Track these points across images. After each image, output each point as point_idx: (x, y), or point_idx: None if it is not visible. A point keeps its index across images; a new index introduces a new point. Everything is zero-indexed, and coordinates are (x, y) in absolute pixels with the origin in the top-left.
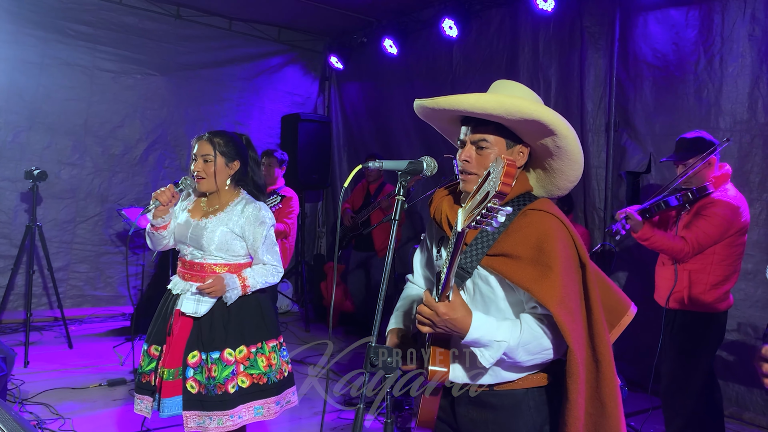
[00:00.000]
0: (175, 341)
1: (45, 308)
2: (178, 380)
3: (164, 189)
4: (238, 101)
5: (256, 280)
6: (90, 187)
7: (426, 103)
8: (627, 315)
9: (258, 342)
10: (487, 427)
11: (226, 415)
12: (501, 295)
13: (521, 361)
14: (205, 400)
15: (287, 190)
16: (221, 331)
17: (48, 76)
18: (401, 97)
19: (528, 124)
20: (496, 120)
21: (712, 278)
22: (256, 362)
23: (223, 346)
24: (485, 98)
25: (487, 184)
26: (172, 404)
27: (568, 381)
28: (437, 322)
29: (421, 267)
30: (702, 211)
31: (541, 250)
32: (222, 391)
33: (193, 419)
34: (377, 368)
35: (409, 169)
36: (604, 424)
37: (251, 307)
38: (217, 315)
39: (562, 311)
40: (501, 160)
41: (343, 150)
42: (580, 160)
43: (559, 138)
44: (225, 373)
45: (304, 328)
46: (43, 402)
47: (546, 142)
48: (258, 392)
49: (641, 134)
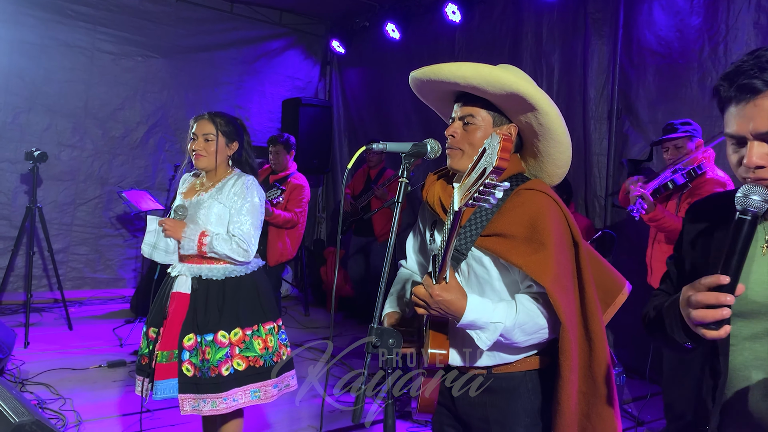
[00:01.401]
0: (169, 323)
1: (45, 290)
2: (173, 363)
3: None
4: (239, 85)
5: (215, 245)
6: (90, 170)
7: (415, 73)
8: (622, 294)
9: (254, 324)
10: (485, 409)
11: (220, 398)
12: (496, 275)
13: (518, 341)
14: (199, 383)
15: (298, 177)
16: (215, 314)
17: (48, 57)
18: (403, 81)
19: (510, 99)
20: (480, 94)
21: None
22: (252, 345)
23: (217, 328)
24: (465, 67)
25: (484, 160)
26: (165, 387)
27: (560, 358)
28: (431, 303)
29: (414, 252)
30: (696, 190)
31: (535, 228)
32: (215, 374)
33: (188, 402)
34: (378, 349)
35: (412, 152)
36: (597, 403)
37: (247, 289)
38: (212, 297)
39: (556, 287)
40: (497, 135)
41: (344, 135)
42: (565, 141)
43: (541, 114)
44: (218, 355)
45: (303, 312)
46: (43, 382)
47: (529, 119)
48: (254, 375)
49: (643, 122)
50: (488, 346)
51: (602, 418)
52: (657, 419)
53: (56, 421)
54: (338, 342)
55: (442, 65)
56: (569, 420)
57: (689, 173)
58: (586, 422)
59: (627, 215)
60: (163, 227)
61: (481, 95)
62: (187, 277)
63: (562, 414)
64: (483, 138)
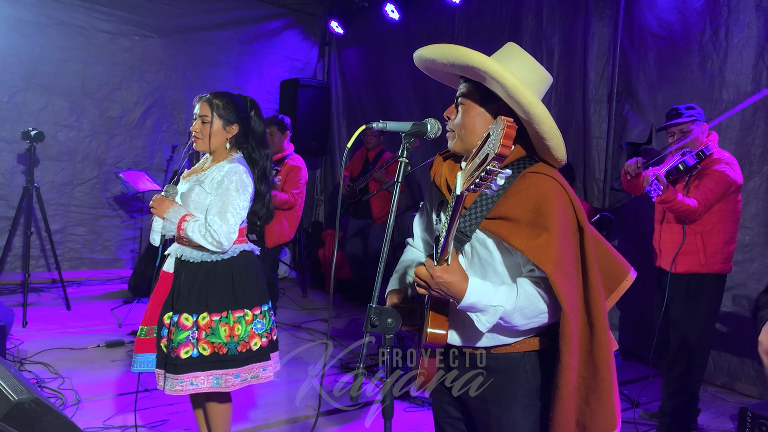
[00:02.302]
0: (152, 300)
1: (43, 270)
2: (152, 338)
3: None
4: (237, 65)
5: (189, 231)
6: (87, 150)
7: (416, 54)
8: (626, 280)
9: (223, 311)
10: (483, 389)
11: (176, 380)
12: (498, 258)
13: (518, 325)
14: (167, 362)
15: (295, 158)
16: (185, 296)
17: (44, 35)
18: (402, 63)
19: (475, 75)
20: (458, 72)
21: (723, 236)
22: (217, 331)
23: (183, 310)
24: (432, 48)
25: (487, 146)
26: (143, 360)
27: (561, 343)
28: (432, 284)
29: (420, 231)
30: (705, 171)
31: (539, 212)
32: (175, 355)
33: (160, 377)
34: (377, 329)
35: (413, 131)
36: (597, 388)
37: (221, 276)
38: (186, 279)
39: (558, 273)
40: (501, 121)
41: (342, 117)
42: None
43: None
44: (179, 337)
45: (301, 294)
46: (42, 362)
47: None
48: (217, 362)
49: (643, 105)
50: (487, 329)
51: (601, 402)
52: (653, 401)
53: (55, 399)
54: (336, 323)
55: (423, 48)
56: (568, 404)
57: (698, 155)
58: (584, 406)
59: (626, 198)
60: (151, 206)
61: (459, 73)
62: (173, 256)
63: (560, 398)
64: (474, 120)
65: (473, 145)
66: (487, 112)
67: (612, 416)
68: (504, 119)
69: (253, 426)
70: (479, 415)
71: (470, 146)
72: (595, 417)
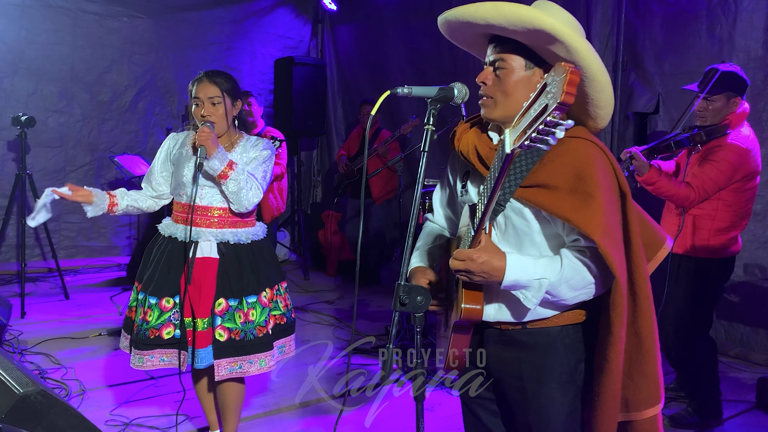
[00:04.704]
0: (205, 290)
1: (38, 259)
2: (209, 330)
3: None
4: (228, 45)
5: (241, 173)
6: (79, 135)
7: (439, 19)
8: (663, 248)
9: (275, 284)
10: (518, 366)
11: (269, 355)
12: (536, 228)
13: (566, 298)
14: (240, 346)
15: (272, 131)
16: (252, 276)
17: (29, 18)
18: (397, 39)
19: (536, 36)
20: (506, 34)
21: (717, 224)
22: (277, 304)
23: (258, 289)
24: (485, 6)
25: (544, 97)
26: (206, 355)
27: (612, 314)
28: (474, 269)
29: (441, 206)
30: (710, 155)
31: (581, 178)
32: (263, 333)
33: (224, 367)
34: (407, 307)
35: (439, 96)
36: (640, 360)
37: (269, 251)
38: (244, 261)
39: (606, 241)
40: (562, 67)
41: (338, 96)
42: (602, 79)
43: (572, 51)
44: (265, 316)
45: (302, 276)
46: (43, 352)
47: (561, 58)
48: (281, 332)
49: (650, 74)
50: (535, 305)
51: (645, 375)
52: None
53: (59, 390)
54: (341, 305)
55: (463, 7)
56: (616, 378)
57: (698, 135)
58: (627, 380)
59: None
60: (200, 136)
61: (510, 35)
62: (212, 241)
63: (610, 372)
64: (517, 84)
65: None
66: (531, 77)
67: (656, 389)
68: (565, 65)
69: (264, 411)
70: (514, 393)
71: (510, 112)
72: (639, 391)
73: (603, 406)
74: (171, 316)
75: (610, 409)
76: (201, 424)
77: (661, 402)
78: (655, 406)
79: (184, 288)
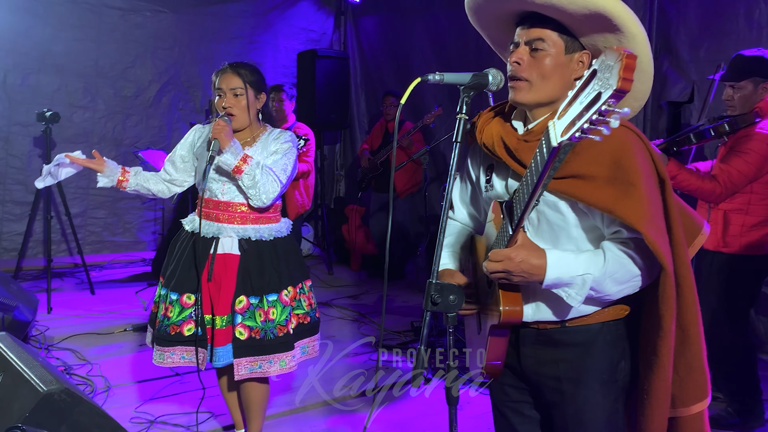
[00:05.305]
0: (225, 287)
1: (65, 255)
2: (229, 328)
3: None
4: (251, 39)
5: (256, 167)
6: (103, 131)
7: None
8: (701, 235)
9: (300, 282)
10: (556, 366)
11: (288, 356)
12: (573, 221)
13: (611, 293)
14: (260, 345)
15: (302, 127)
16: (273, 274)
17: (55, 14)
18: (422, 30)
19: (591, 20)
20: (555, 15)
21: (750, 219)
22: (301, 302)
23: (279, 288)
24: None
25: (595, 83)
26: (225, 353)
27: (661, 308)
28: (513, 269)
29: (463, 203)
30: (737, 146)
31: (620, 166)
32: (283, 333)
33: (244, 366)
34: (438, 306)
35: (472, 83)
36: (686, 353)
37: (293, 248)
38: (265, 258)
39: (653, 231)
40: (615, 52)
41: (361, 88)
42: (649, 70)
43: (627, 38)
44: (285, 315)
45: (326, 270)
46: (69, 348)
47: (610, 44)
48: (304, 331)
49: (684, 61)
50: (580, 303)
51: (692, 368)
52: None
53: (84, 387)
54: (365, 299)
55: None
56: (667, 374)
57: (721, 127)
58: (674, 375)
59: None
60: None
61: (556, 16)
62: (233, 238)
63: (660, 368)
64: (556, 68)
65: (547, 97)
66: (569, 62)
67: (704, 383)
68: (619, 49)
69: (289, 409)
70: (552, 396)
71: (544, 98)
72: (685, 385)
73: (653, 405)
74: (192, 312)
75: (662, 407)
76: (226, 421)
77: (708, 396)
78: (702, 401)
79: (204, 285)
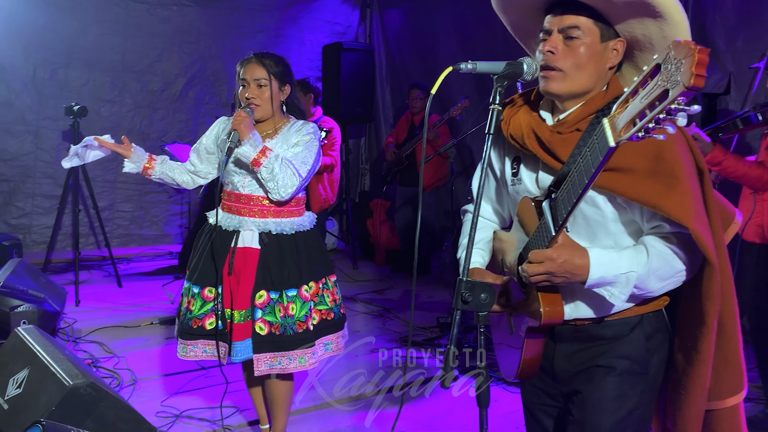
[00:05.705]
0: (244, 281)
1: (92, 248)
2: (248, 322)
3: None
4: (277, 32)
5: (275, 160)
6: (131, 125)
7: None
8: (734, 224)
9: (322, 278)
10: (589, 355)
11: (309, 353)
12: (612, 216)
13: (654, 289)
14: (280, 340)
15: (328, 121)
16: (294, 269)
17: (82, 9)
18: (448, 21)
19: (632, 6)
20: (593, 1)
21: None
22: (323, 298)
23: (299, 283)
24: None
25: (660, 78)
26: (243, 348)
27: (706, 304)
28: (556, 270)
29: (486, 198)
30: None
31: (660, 159)
32: (303, 329)
33: (264, 362)
34: (469, 305)
35: (506, 72)
36: (722, 346)
37: (316, 243)
38: (286, 252)
39: (698, 224)
40: (683, 45)
41: (386, 82)
42: None
43: (668, 25)
44: (305, 311)
45: (351, 265)
46: (96, 340)
47: (650, 31)
48: (326, 328)
49: (720, 52)
50: (623, 301)
51: (728, 361)
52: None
53: (110, 380)
54: (390, 295)
55: None
56: (708, 369)
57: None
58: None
59: None
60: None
61: (593, 2)
62: (254, 231)
63: (701, 363)
64: (592, 58)
65: (582, 87)
66: (604, 51)
67: (740, 376)
68: (687, 42)
69: (314, 404)
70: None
71: (578, 88)
72: (721, 378)
73: (690, 401)
74: (213, 306)
75: (699, 402)
76: (251, 416)
77: (744, 390)
78: (738, 394)
79: (225, 278)
